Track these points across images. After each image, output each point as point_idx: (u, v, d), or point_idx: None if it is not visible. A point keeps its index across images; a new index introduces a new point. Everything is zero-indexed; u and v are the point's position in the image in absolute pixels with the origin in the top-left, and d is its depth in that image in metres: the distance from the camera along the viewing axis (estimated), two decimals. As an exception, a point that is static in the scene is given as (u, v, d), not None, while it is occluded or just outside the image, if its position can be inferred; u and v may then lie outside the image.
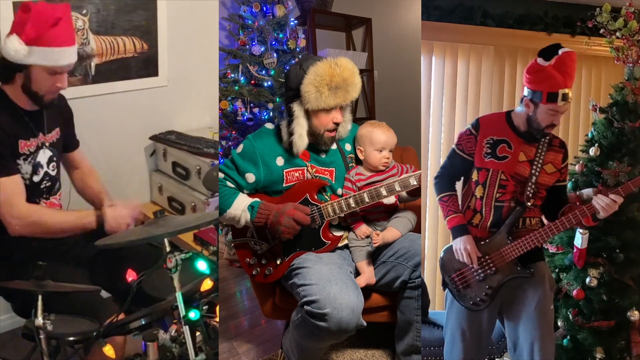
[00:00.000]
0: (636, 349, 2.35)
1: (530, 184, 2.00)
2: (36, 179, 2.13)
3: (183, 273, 1.66)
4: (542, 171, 2.03)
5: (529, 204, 2.00)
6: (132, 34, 3.02)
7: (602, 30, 2.44)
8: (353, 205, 2.16)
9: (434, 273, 3.43)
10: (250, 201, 2.18)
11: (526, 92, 2.01)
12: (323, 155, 2.33)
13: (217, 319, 1.74)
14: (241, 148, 2.27)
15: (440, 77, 3.43)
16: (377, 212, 2.30)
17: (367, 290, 2.21)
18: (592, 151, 2.44)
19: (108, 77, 2.98)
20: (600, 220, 1.97)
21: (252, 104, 3.79)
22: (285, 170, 2.25)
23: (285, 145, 2.24)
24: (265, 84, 3.83)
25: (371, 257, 2.25)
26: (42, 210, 2.11)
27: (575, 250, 2.38)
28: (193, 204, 3.05)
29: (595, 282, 2.37)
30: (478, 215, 2.07)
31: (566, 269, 2.50)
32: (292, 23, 4.01)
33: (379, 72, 4.98)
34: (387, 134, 2.27)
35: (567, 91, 1.92)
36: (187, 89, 3.34)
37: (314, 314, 1.92)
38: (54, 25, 1.95)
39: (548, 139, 2.06)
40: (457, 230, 2.08)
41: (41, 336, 1.62)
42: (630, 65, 2.42)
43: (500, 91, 3.50)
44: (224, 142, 3.89)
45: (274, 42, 3.87)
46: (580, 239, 2.31)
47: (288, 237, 2.16)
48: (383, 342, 2.71)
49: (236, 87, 3.80)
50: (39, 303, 1.64)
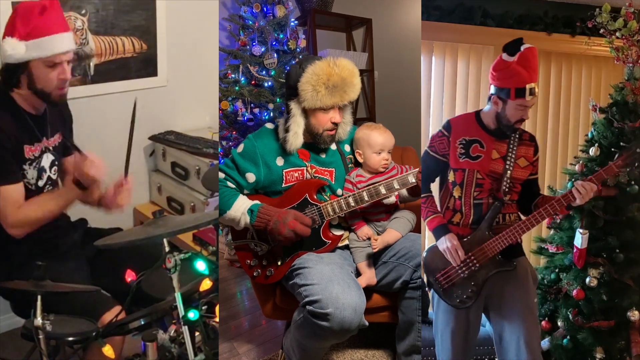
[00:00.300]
0: (636, 349, 2.34)
1: (505, 179, 2.03)
2: (40, 183, 2.13)
3: (182, 273, 1.66)
4: (516, 166, 2.06)
5: (507, 198, 2.02)
6: (131, 34, 3.02)
7: (602, 30, 2.44)
8: (353, 204, 2.16)
9: (434, 273, 3.42)
10: (250, 204, 2.17)
11: (493, 90, 2.05)
12: (323, 155, 2.32)
13: (217, 319, 1.74)
14: (242, 148, 2.27)
15: (440, 77, 3.43)
16: (377, 212, 2.30)
17: (368, 290, 2.20)
18: (592, 151, 2.45)
19: (107, 77, 2.98)
20: (573, 209, 2.03)
21: (252, 105, 3.79)
22: (284, 171, 2.24)
23: (281, 142, 2.24)
24: (266, 85, 3.83)
25: (372, 258, 2.25)
26: (29, 208, 2.04)
27: (575, 250, 2.38)
28: (192, 204, 3.05)
29: (595, 282, 2.37)
30: (458, 214, 2.09)
31: (566, 269, 2.50)
32: (292, 23, 4.01)
33: (379, 72, 4.98)
34: (384, 135, 2.26)
35: (534, 85, 1.97)
36: (187, 89, 3.34)
37: (316, 313, 1.92)
38: (41, 15, 1.94)
39: (518, 134, 2.09)
40: (439, 231, 2.10)
41: (40, 336, 1.61)
42: (630, 65, 2.42)
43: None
44: (224, 143, 3.88)
45: (274, 43, 3.87)
46: (580, 239, 2.32)
47: (286, 244, 2.17)
48: (384, 343, 2.71)
49: (236, 88, 3.80)
50: (38, 303, 1.63)
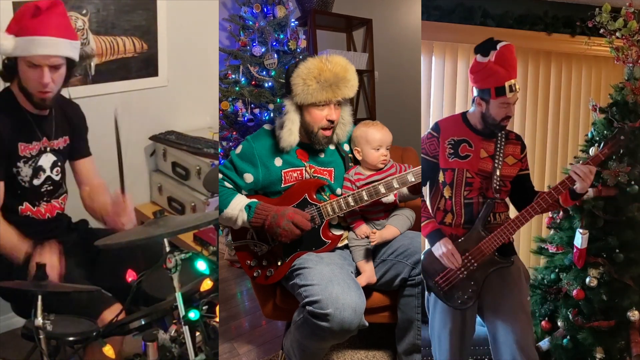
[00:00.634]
0: (636, 349, 2.34)
1: (495, 177, 2.06)
2: (36, 182, 2.13)
3: (183, 273, 1.66)
4: (504, 164, 2.09)
5: (498, 196, 2.04)
6: (132, 34, 3.02)
7: (602, 30, 2.44)
8: (352, 203, 2.16)
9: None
10: (247, 201, 2.18)
11: (475, 92, 2.09)
12: (322, 155, 2.33)
13: (217, 319, 1.74)
14: (240, 149, 2.28)
15: (440, 77, 3.43)
16: (376, 211, 2.30)
17: (368, 289, 2.20)
18: (592, 151, 2.44)
19: (108, 77, 2.98)
20: (579, 198, 2.01)
21: (252, 105, 3.79)
22: (283, 171, 2.25)
23: (277, 139, 2.24)
24: (266, 85, 3.83)
25: (371, 256, 2.25)
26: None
27: (575, 250, 2.38)
28: (193, 204, 3.05)
29: (595, 282, 2.37)
30: (450, 215, 2.11)
31: (566, 269, 2.50)
32: (292, 24, 4.02)
33: (379, 72, 4.97)
34: (382, 131, 2.27)
35: (513, 82, 2.00)
36: (187, 89, 3.34)
37: (316, 314, 1.92)
38: (34, 16, 1.93)
39: (504, 133, 2.13)
40: (433, 236, 2.10)
41: (41, 336, 1.62)
42: (630, 65, 2.42)
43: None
44: (224, 143, 3.89)
45: (274, 43, 3.87)
46: (580, 239, 2.32)
47: (285, 241, 2.15)
48: (384, 343, 2.70)
49: (237, 88, 3.80)
50: (39, 303, 1.63)
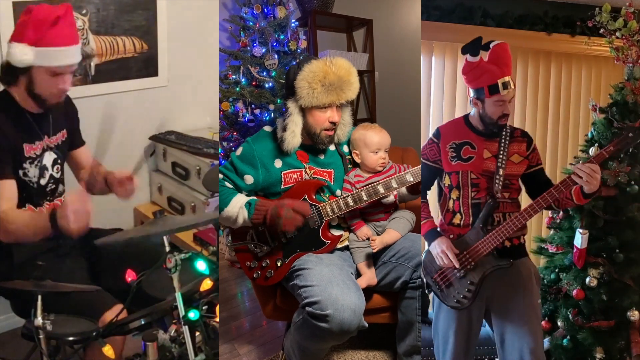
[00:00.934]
0: (636, 349, 2.34)
1: (497, 176, 2.04)
2: (43, 182, 2.13)
3: (183, 273, 1.66)
4: (509, 162, 2.07)
5: (499, 195, 2.02)
6: (132, 34, 3.02)
7: (602, 30, 2.44)
8: (351, 203, 2.16)
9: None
10: (247, 199, 2.18)
11: (471, 93, 2.08)
12: (322, 156, 2.33)
13: (217, 319, 1.74)
14: (240, 151, 2.29)
15: (440, 77, 3.43)
16: (376, 212, 2.30)
17: (368, 291, 2.21)
18: (592, 151, 2.44)
19: (108, 77, 2.99)
20: (592, 196, 1.97)
21: (253, 105, 3.79)
22: (283, 172, 2.25)
23: (279, 142, 2.24)
24: (267, 85, 3.84)
25: (372, 258, 2.25)
26: (8, 215, 1.97)
27: (575, 250, 2.38)
28: (193, 204, 3.05)
29: (595, 282, 2.37)
30: (458, 216, 2.10)
31: (566, 269, 2.50)
32: (293, 24, 4.02)
33: (380, 73, 4.97)
34: (380, 134, 2.27)
35: (507, 79, 1.99)
36: (187, 89, 3.34)
37: (315, 315, 1.92)
38: (54, 25, 1.94)
39: (509, 131, 2.11)
40: (430, 235, 2.11)
41: (41, 336, 1.62)
42: (630, 65, 2.42)
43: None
44: (225, 143, 3.89)
45: (275, 44, 3.88)
46: (580, 239, 2.32)
47: (289, 230, 2.14)
48: (384, 344, 2.71)
49: (237, 89, 3.80)
50: (39, 303, 1.64)
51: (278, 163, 2.25)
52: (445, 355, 2.14)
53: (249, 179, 2.24)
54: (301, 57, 3.80)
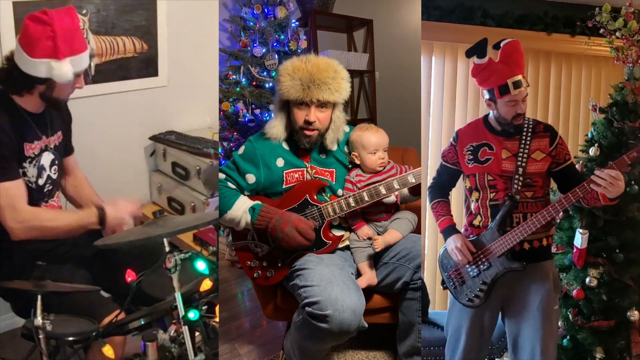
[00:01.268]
0: (636, 349, 2.34)
1: (517, 176, 1.99)
2: (41, 182, 2.14)
3: (182, 273, 1.66)
4: (530, 160, 2.01)
5: (518, 197, 1.98)
6: (132, 34, 3.02)
7: (602, 30, 2.44)
8: (353, 204, 2.16)
9: (433, 273, 3.43)
10: (251, 203, 2.18)
11: (485, 94, 2.05)
12: (323, 155, 2.33)
13: (217, 319, 1.74)
14: (242, 150, 2.29)
15: (440, 77, 3.43)
16: (377, 212, 2.30)
17: (369, 291, 2.21)
18: (592, 151, 2.44)
19: (108, 77, 2.98)
20: (617, 200, 1.91)
21: (253, 106, 3.80)
22: (285, 172, 2.25)
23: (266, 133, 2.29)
24: (267, 86, 3.84)
25: (372, 259, 2.25)
26: (42, 214, 2.09)
27: (575, 250, 2.38)
28: (192, 204, 3.05)
29: (595, 282, 2.37)
30: (478, 217, 2.08)
31: (566, 269, 2.50)
32: (293, 24, 4.02)
33: (380, 73, 4.97)
34: (377, 135, 2.26)
35: (517, 78, 1.94)
36: (187, 89, 3.34)
37: (315, 315, 1.92)
38: (77, 31, 1.98)
39: (531, 127, 2.05)
40: (446, 232, 2.13)
41: (40, 336, 1.62)
42: (630, 65, 2.42)
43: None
44: (225, 144, 3.89)
45: (275, 44, 3.88)
46: (580, 239, 2.31)
47: (286, 247, 2.14)
48: (385, 344, 2.70)
49: (237, 89, 3.81)
50: (39, 303, 1.64)
51: (280, 162, 2.26)
52: (456, 353, 2.14)
53: (251, 178, 2.24)
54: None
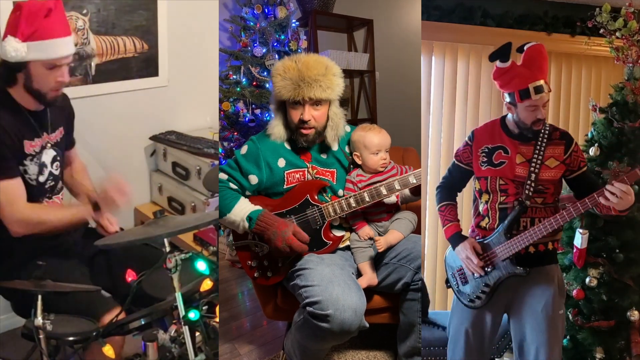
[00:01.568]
0: (636, 349, 2.34)
1: (529, 182, 1.97)
2: (42, 179, 2.14)
3: (183, 273, 1.66)
4: (544, 167, 1.98)
5: (528, 202, 1.97)
6: (132, 34, 3.03)
7: (602, 30, 2.43)
8: (354, 204, 2.16)
9: (433, 273, 3.43)
10: (249, 210, 2.17)
11: (506, 97, 2.02)
12: (324, 155, 2.33)
13: (217, 319, 1.74)
14: (245, 149, 2.29)
15: (440, 77, 3.42)
16: (378, 212, 2.30)
17: (369, 291, 2.20)
18: (592, 151, 2.44)
19: (108, 77, 2.99)
20: (627, 211, 1.88)
21: (253, 105, 3.80)
22: (286, 172, 2.25)
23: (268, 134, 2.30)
24: (267, 86, 3.84)
25: (373, 259, 2.25)
26: (41, 210, 2.10)
27: (575, 250, 2.37)
28: (193, 204, 3.05)
29: (595, 282, 2.37)
30: (486, 219, 2.07)
31: (566, 269, 2.49)
32: (293, 24, 4.02)
33: (380, 73, 4.98)
34: (379, 135, 2.26)
35: (539, 83, 1.90)
36: (187, 89, 3.34)
37: (316, 315, 1.92)
38: (46, 17, 1.95)
39: (547, 133, 2.02)
40: (453, 239, 2.09)
41: (41, 336, 1.62)
42: (630, 65, 2.41)
43: (500, 91, 3.49)
44: (225, 144, 3.89)
45: (275, 44, 3.88)
46: (580, 239, 2.31)
47: (276, 256, 2.19)
48: (385, 344, 2.70)
49: (238, 89, 3.81)
50: (39, 303, 1.64)
51: (281, 162, 2.26)
52: (457, 353, 2.14)
53: (254, 179, 2.24)
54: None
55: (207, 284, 1.75)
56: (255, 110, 3.79)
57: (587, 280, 2.37)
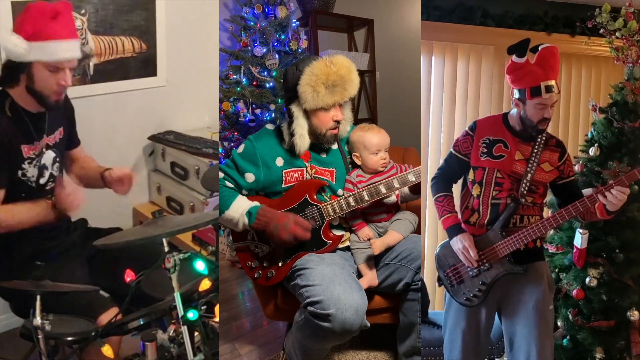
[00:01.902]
0: (636, 349, 2.34)
1: (525, 180, 2.00)
2: (42, 181, 2.13)
3: (181, 273, 1.66)
4: (539, 169, 2.02)
5: (523, 200, 2.00)
6: (130, 34, 3.03)
7: (601, 30, 2.43)
8: (353, 204, 2.16)
9: (433, 273, 3.42)
10: (248, 206, 2.17)
11: (515, 93, 2.04)
12: (324, 155, 2.32)
13: (216, 319, 1.74)
14: (242, 148, 2.28)
15: (440, 77, 3.43)
16: (378, 212, 2.29)
17: (369, 291, 2.20)
18: (592, 151, 2.44)
19: (106, 77, 2.99)
20: (615, 213, 1.94)
21: (254, 105, 3.79)
22: (284, 171, 2.25)
23: (287, 147, 2.24)
24: (267, 85, 3.84)
25: (373, 260, 2.25)
26: (3, 210, 2.03)
27: (575, 250, 2.37)
28: (191, 204, 3.05)
29: (595, 282, 2.36)
30: (476, 214, 2.07)
31: (566, 269, 2.49)
32: (294, 24, 4.02)
33: (380, 72, 4.98)
34: (378, 135, 2.26)
35: (551, 83, 1.93)
36: (186, 89, 3.34)
37: (317, 314, 1.91)
38: (52, 19, 1.95)
39: (545, 138, 2.06)
40: (452, 230, 2.09)
41: (39, 336, 1.62)
42: (630, 65, 2.41)
43: (500, 91, 3.50)
44: (225, 143, 3.89)
45: (275, 44, 3.88)
46: (580, 239, 2.31)
47: (285, 246, 2.18)
48: (385, 344, 2.70)
49: (238, 89, 3.80)
50: (38, 303, 1.64)
51: (279, 161, 2.25)
52: (454, 353, 2.14)
53: (250, 177, 2.23)
54: (300, 59, 3.80)
55: (205, 284, 1.74)
56: (256, 110, 3.79)
57: (587, 280, 2.37)
